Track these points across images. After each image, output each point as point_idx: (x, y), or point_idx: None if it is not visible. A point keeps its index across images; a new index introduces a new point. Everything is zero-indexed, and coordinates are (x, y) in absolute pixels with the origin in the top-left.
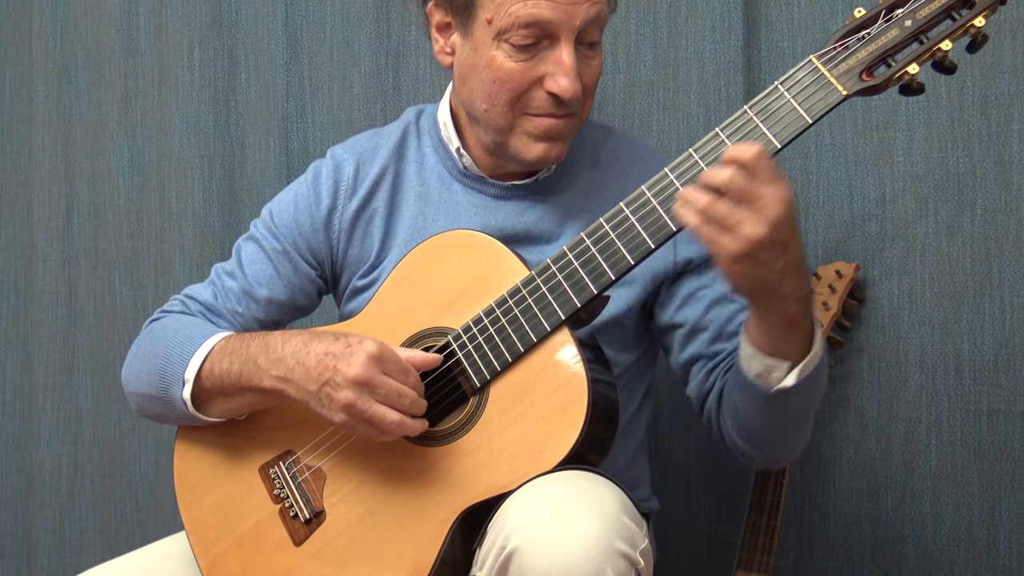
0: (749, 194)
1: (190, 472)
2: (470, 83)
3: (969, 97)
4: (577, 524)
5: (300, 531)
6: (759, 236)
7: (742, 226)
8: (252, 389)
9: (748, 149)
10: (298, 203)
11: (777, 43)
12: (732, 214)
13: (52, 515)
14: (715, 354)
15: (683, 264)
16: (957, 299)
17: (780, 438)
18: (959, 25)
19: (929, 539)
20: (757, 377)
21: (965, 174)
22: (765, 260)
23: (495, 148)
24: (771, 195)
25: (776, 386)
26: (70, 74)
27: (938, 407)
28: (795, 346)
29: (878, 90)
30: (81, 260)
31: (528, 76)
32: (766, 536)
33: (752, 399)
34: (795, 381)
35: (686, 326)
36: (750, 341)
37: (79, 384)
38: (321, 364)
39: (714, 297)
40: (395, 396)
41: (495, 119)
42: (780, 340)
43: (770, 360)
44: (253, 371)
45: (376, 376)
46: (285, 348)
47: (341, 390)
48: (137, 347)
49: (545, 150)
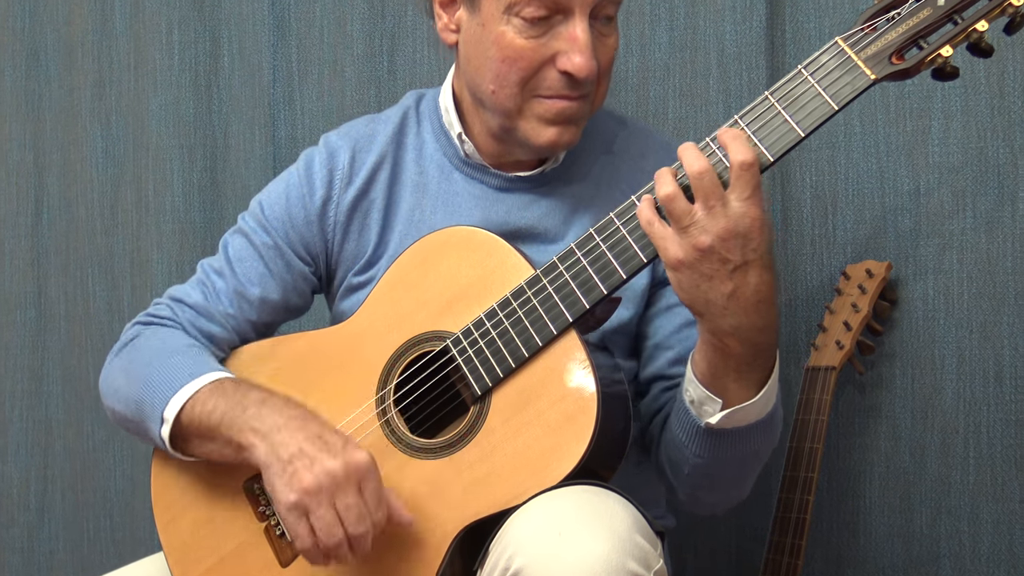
0: (713, 198)
1: (169, 488)
2: (476, 62)
3: (1010, 82)
4: (586, 543)
5: (287, 551)
6: (703, 245)
7: (691, 230)
8: (224, 439)
9: (740, 152)
10: (290, 194)
11: (802, 24)
12: (687, 215)
13: (20, 534)
14: (673, 375)
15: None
16: (997, 300)
17: (706, 479)
18: (995, 4)
19: (967, 559)
20: (691, 404)
21: (1005, 165)
22: (708, 275)
23: (502, 134)
24: (736, 210)
25: (704, 420)
26: (39, 57)
27: (976, 417)
28: (734, 386)
29: (909, 74)
30: (51, 259)
31: (539, 54)
32: (791, 556)
33: (683, 426)
34: (716, 423)
35: (653, 338)
36: (692, 362)
37: (49, 393)
38: (309, 442)
39: (689, 318)
40: (354, 516)
41: (503, 101)
42: (718, 372)
43: (703, 391)
44: (234, 418)
45: (349, 486)
46: (284, 409)
47: (309, 474)
48: (118, 360)
49: (557, 134)
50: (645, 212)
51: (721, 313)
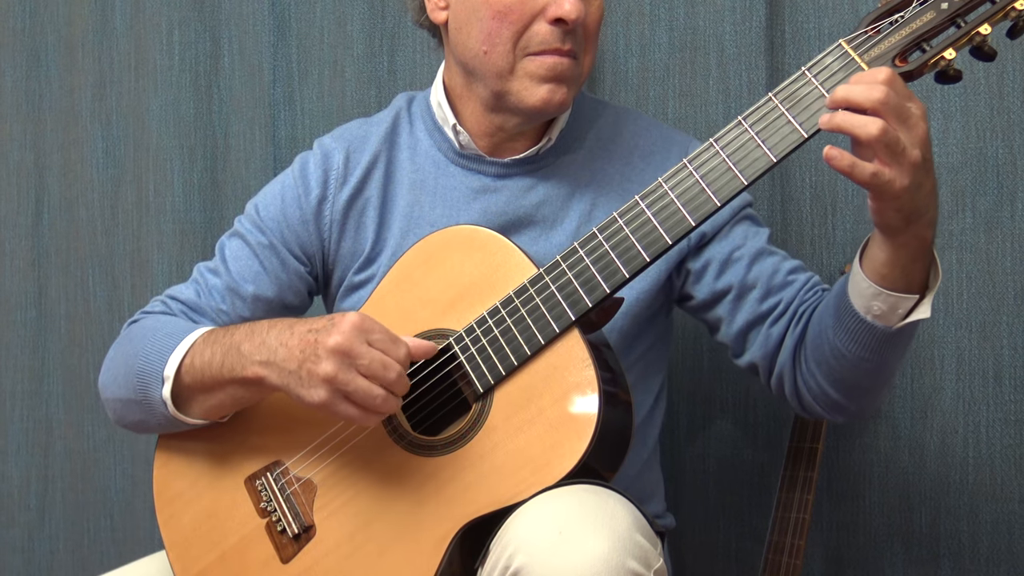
0: (904, 112)
1: (170, 483)
2: (467, 28)
3: (1009, 83)
4: (587, 542)
5: (288, 547)
6: (917, 160)
7: (905, 153)
8: (234, 380)
9: (882, 70)
10: (285, 195)
11: (802, 25)
12: (899, 140)
13: (20, 533)
14: (770, 311)
15: (698, 239)
16: (996, 300)
17: (884, 380)
18: (998, 8)
19: (966, 559)
20: (877, 318)
21: (1005, 165)
22: (921, 184)
23: (495, 101)
24: (917, 113)
25: (898, 323)
26: (40, 58)
27: (976, 417)
28: (923, 274)
29: (912, 77)
30: (52, 259)
31: (529, 7)
32: (791, 556)
33: (867, 343)
34: (929, 312)
35: (733, 291)
36: (875, 280)
37: (50, 392)
38: (303, 340)
39: (752, 255)
40: (379, 368)
41: (496, 61)
42: (914, 271)
43: (896, 296)
44: (235, 359)
45: (359, 346)
46: (270, 332)
47: (321, 362)
48: (114, 351)
49: (549, 92)
50: (866, 167)
51: (926, 212)
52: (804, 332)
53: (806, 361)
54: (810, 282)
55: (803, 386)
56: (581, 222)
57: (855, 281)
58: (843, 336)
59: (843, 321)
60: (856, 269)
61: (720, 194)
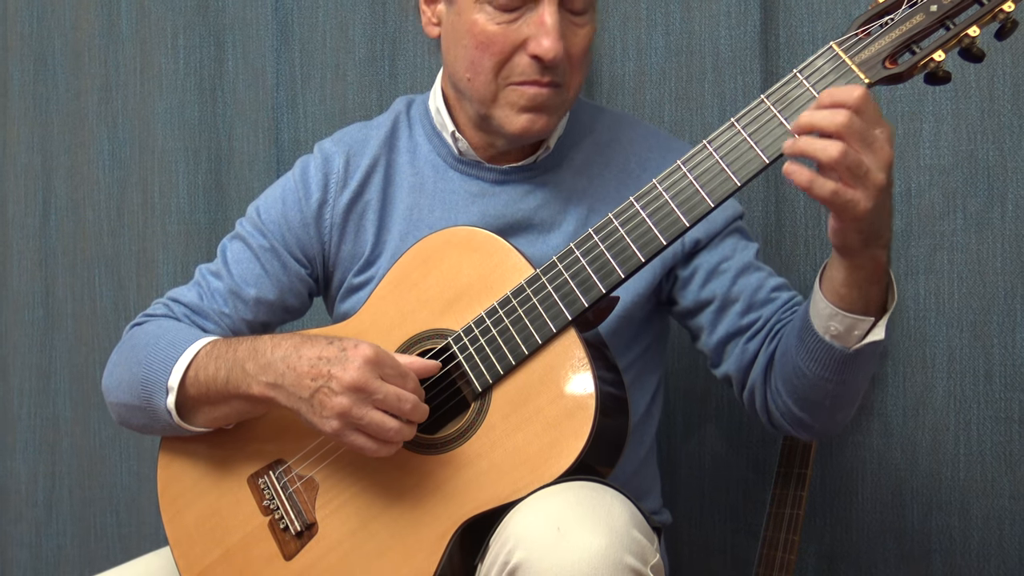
0: (868, 136)
1: (174, 482)
2: (454, 52)
3: (1000, 86)
4: (585, 538)
5: (290, 544)
6: (882, 183)
7: (869, 175)
8: (240, 396)
9: (853, 91)
10: (286, 198)
11: (796, 29)
12: (862, 163)
13: (28, 529)
14: (749, 326)
15: (691, 245)
16: (987, 299)
17: (847, 400)
18: (987, 10)
19: (957, 554)
20: (835, 338)
21: (995, 167)
22: (883, 207)
23: (480, 122)
24: (882, 137)
25: (855, 345)
26: (47, 62)
27: (967, 414)
28: (880, 297)
29: (902, 78)
30: (59, 259)
31: (511, 40)
32: (785, 552)
33: (826, 363)
34: (883, 334)
35: (715, 301)
36: (833, 301)
37: (57, 390)
38: (314, 369)
39: (738, 268)
40: (394, 401)
41: (479, 88)
42: (871, 293)
43: (853, 317)
44: (240, 377)
45: (373, 381)
46: (275, 353)
47: (335, 396)
48: (118, 355)
49: (529, 121)
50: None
51: (883, 231)
52: (776, 350)
53: (774, 378)
54: (792, 301)
55: (771, 402)
56: (578, 226)
57: (815, 302)
58: (804, 355)
59: (804, 341)
60: (816, 290)
61: (714, 195)
